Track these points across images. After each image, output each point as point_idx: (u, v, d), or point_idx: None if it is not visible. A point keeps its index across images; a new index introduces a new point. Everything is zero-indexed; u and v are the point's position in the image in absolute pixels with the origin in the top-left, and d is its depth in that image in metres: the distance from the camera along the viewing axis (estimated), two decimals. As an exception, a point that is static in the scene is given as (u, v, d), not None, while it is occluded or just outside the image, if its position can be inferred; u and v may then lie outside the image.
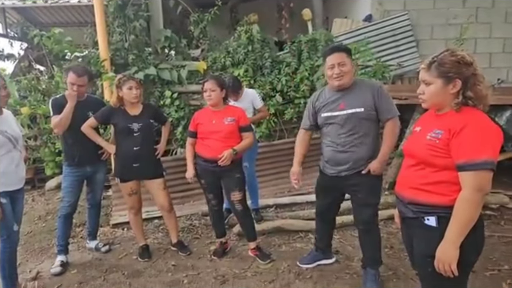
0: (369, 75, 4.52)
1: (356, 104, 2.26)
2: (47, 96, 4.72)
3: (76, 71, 2.85)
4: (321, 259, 2.78)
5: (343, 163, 2.33)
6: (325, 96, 2.40)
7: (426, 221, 1.51)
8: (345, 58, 2.24)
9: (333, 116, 2.33)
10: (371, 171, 2.29)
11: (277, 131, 4.69)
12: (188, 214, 3.90)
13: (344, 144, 2.31)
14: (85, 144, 2.89)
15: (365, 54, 4.64)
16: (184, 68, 4.54)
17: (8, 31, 6.82)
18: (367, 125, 2.29)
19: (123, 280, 2.74)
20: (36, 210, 4.28)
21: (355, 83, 2.33)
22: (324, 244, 2.77)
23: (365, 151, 2.30)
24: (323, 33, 4.82)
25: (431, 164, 1.48)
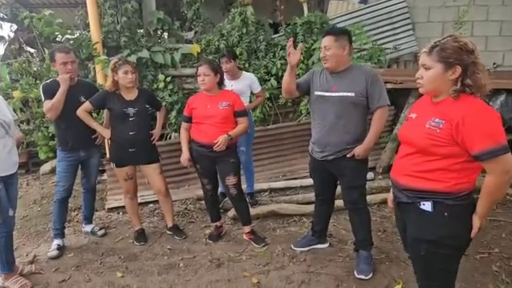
0: (365, 58, 4.50)
1: (348, 89, 2.27)
2: (39, 79, 4.65)
3: (62, 50, 2.81)
4: (316, 243, 2.83)
5: (329, 147, 2.37)
6: (322, 76, 2.41)
7: (422, 206, 1.53)
8: (332, 41, 2.23)
9: (325, 96, 2.34)
10: (356, 155, 2.33)
11: (271, 116, 4.68)
12: (183, 198, 3.93)
13: (331, 126, 2.34)
14: (78, 129, 2.86)
15: (361, 37, 4.59)
16: (177, 51, 4.48)
17: (-3, 12, 6.62)
18: (356, 110, 2.30)
19: (120, 263, 2.79)
20: (31, 194, 4.28)
21: (351, 68, 2.32)
22: (320, 228, 2.82)
23: (351, 135, 2.33)
24: (319, 16, 4.75)
25: (430, 153, 1.49)
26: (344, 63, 2.29)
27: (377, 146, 4.57)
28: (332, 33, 2.27)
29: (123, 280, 2.56)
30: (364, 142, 2.32)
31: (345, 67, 2.30)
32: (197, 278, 2.54)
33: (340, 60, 2.26)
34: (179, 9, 5.52)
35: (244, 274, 2.54)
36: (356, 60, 4.28)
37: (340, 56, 2.25)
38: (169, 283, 2.49)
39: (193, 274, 2.59)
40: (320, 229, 2.82)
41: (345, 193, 2.49)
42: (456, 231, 1.49)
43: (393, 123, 4.55)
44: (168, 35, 4.99)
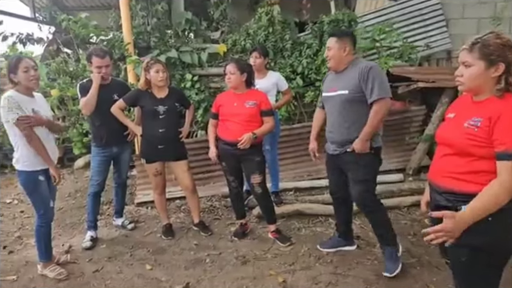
0: (395, 56, 4.39)
1: (343, 86, 2.35)
2: (75, 78, 4.87)
3: (98, 54, 2.94)
4: (343, 245, 2.79)
5: (334, 142, 2.48)
6: (328, 77, 2.58)
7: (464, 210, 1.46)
8: (334, 42, 2.36)
9: (328, 97, 2.48)
10: (354, 149, 2.35)
11: (296, 115, 4.66)
12: (209, 195, 3.99)
13: (332, 124, 2.46)
14: (111, 126, 3.00)
15: (391, 35, 4.47)
16: (204, 51, 4.55)
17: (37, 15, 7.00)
18: (354, 107, 2.34)
19: (149, 256, 2.88)
20: (66, 188, 4.49)
21: (350, 66, 2.38)
22: (344, 229, 2.79)
23: (352, 131, 2.36)
24: (346, 14, 4.67)
25: (469, 153, 1.43)
26: (344, 63, 2.38)
27: (407, 147, 4.46)
28: (334, 34, 2.41)
29: (152, 272, 2.65)
30: (360, 135, 2.32)
31: (345, 66, 2.39)
32: (223, 274, 2.58)
33: (340, 60, 2.37)
34: (206, 10, 5.61)
35: (269, 273, 2.56)
36: (385, 58, 4.18)
37: (340, 56, 2.36)
38: (196, 278, 2.55)
39: (219, 270, 2.64)
40: (344, 230, 2.79)
41: (352, 189, 2.50)
42: (500, 237, 1.41)
43: (424, 123, 4.41)
44: (195, 35, 5.08)
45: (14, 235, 3.38)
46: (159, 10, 4.71)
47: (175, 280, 2.53)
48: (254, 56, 3.30)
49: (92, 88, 2.90)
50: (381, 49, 4.50)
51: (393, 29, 4.57)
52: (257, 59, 3.30)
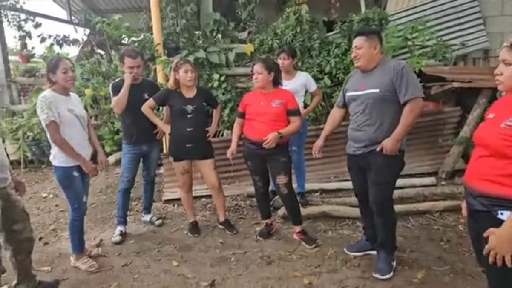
0: (428, 55, 4.24)
1: (373, 85, 2.30)
2: (107, 78, 5.05)
3: (130, 55, 3.03)
4: (371, 249, 2.72)
5: (358, 141, 2.41)
6: (355, 76, 2.52)
7: (499, 215, 1.39)
8: (363, 41, 2.32)
9: (355, 96, 2.42)
10: (383, 149, 2.28)
11: (324, 115, 4.59)
12: (234, 194, 4.02)
13: (360, 123, 2.39)
14: (141, 124, 3.08)
15: (424, 33, 4.32)
16: (231, 51, 4.58)
17: (73, 18, 7.32)
18: (385, 106, 2.29)
19: (176, 252, 2.93)
20: (97, 184, 4.65)
21: (380, 64, 2.34)
22: (372, 232, 2.70)
23: (380, 131, 2.31)
24: (377, 12, 4.56)
25: (505, 155, 1.36)
26: (374, 61, 2.34)
27: (440, 149, 4.30)
28: (362, 33, 2.37)
29: (178, 269, 2.69)
30: (392, 135, 2.27)
31: (375, 65, 2.35)
32: (248, 273, 2.58)
33: (371, 58, 2.33)
34: (234, 10, 5.65)
35: (295, 274, 2.53)
36: (417, 58, 4.04)
37: (371, 55, 2.32)
38: (221, 275, 2.56)
39: (244, 269, 2.64)
40: (371, 233, 2.70)
41: (370, 190, 2.44)
42: None
43: (459, 125, 4.23)
44: (223, 36, 5.13)
45: (49, 228, 3.55)
46: (188, 12, 4.80)
47: (201, 277, 2.56)
48: (282, 58, 3.28)
49: (123, 87, 2.99)
50: (413, 48, 4.36)
51: (426, 27, 4.42)
52: (285, 60, 3.28)
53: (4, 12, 5.66)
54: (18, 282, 2.34)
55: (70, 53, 7.12)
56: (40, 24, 6.09)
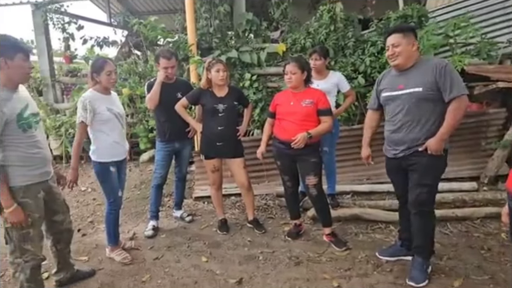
0: (471, 53, 4.01)
1: (415, 84, 2.21)
2: (143, 78, 5.22)
3: (165, 56, 3.11)
4: (405, 255, 2.61)
5: (400, 144, 2.32)
6: (389, 76, 2.42)
7: None
8: (400, 38, 2.23)
9: (392, 96, 2.33)
10: (428, 149, 2.19)
11: (357, 115, 4.48)
12: (263, 194, 4.01)
13: (401, 124, 2.29)
14: (175, 122, 3.16)
15: (467, 30, 4.09)
16: (263, 50, 4.58)
17: (112, 20, 7.64)
18: (427, 106, 2.21)
19: (205, 249, 2.97)
20: (132, 179, 4.82)
21: (419, 63, 2.26)
22: (408, 236, 2.59)
23: (423, 132, 2.23)
24: (416, 9, 4.38)
25: None
26: (413, 59, 2.26)
27: (483, 153, 4.06)
28: (399, 30, 2.28)
29: (207, 264, 2.73)
30: (437, 135, 2.18)
31: (413, 63, 2.26)
32: (276, 273, 2.57)
33: (410, 56, 2.24)
34: (267, 10, 5.65)
35: (324, 276, 2.49)
36: (460, 56, 3.84)
37: (410, 52, 2.23)
38: (249, 273, 2.57)
39: (272, 268, 2.63)
40: (408, 237, 2.59)
41: (412, 191, 2.34)
42: None
43: (504, 127, 3.97)
44: (255, 36, 5.14)
45: (87, 220, 3.72)
46: (221, 12, 4.86)
47: (229, 274, 2.58)
48: (314, 58, 3.23)
49: (155, 84, 3.09)
50: (455, 45, 4.15)
51: (469, 24, 4.18)
52: (317, 60, 3.22)
53: (49, 16, 6.00)
54: (57, 270, 2.48)
55: (109, 54, 7.46)
56: (83, 26, 6.39)
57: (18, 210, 1.97)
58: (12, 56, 1.94)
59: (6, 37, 1.97)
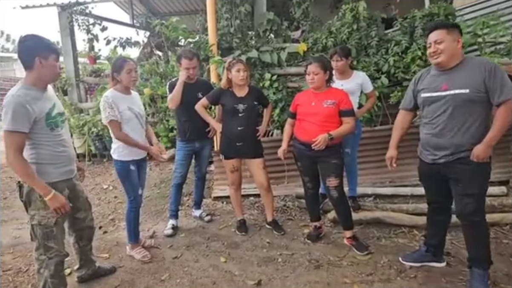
0: (501, 53, 3.85)
1: (461, 85, 2.07)
2: (164, 78, 5.28)
3: (186, 56, 3.13)
4: (430, 260, 2.52)
5: (441, 149, 2.18)
6: (429, 76, 2.26)
7: None
8: (444, 34, 2.09)
9: (433, 97, 2.18)
10: (474, 156, 2.06)
11: (379, 116, 4.38)
12: (282, 195, 3.97)
13: (443, 128, 2.16)
14: (195, 122, 3.17)
15: (496, 28, 3.92)
16: (284, 50, 4.54)
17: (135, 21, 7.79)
18: (473, 108, 2.07)
19: (223, 249, 2.96)
20: (152, 178, 4.89)
21: (464, 62, 2.11)
22: (437, 242, 2.51)
23: (467, 136, 2.09)
24: (443, 7, 4.23)
25: None
26: (457, 57, 2.11)
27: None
28: (443, 26, 2.13)
29: (226, 265, 2.71)
30: (484, 140, 2.05)
31: (457, 62, 2.11)
32: (295, 276, 2.52)
33: (454, 53, 2.10)
34: (288, 9, 5.61)
35: (344, 280, 2.43)
36: (489, 56, 3.69)
37: (454, 49, 2.09)
38: (267, 275, 2.54)
39: (291, 271, 2.58)
40: (436, 243, 2.50)
41: (458, 202, 2.22)
42: None
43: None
44: (276, 35, 5.10)
45: (109, 218, 3.78)
46: (242, 12, 4.85)
47: (248, 275, 2.55)
48: (335, 59, 3.15)
49: (177, 84, 3.11)
50: (484, 45, 3.98)
51: (499, 22, 4.01)
52: (338, 62, 3.15)
53: (75, 17, 6.18)
54: (79, 267, 2.53)
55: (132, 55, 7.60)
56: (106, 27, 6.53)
57: (57, 195, 2.01)
58: (46, 56, 1.99)
59: (41, 38, 2.03)
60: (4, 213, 4.05)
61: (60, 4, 6.22)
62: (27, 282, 2.59)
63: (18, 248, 3.12)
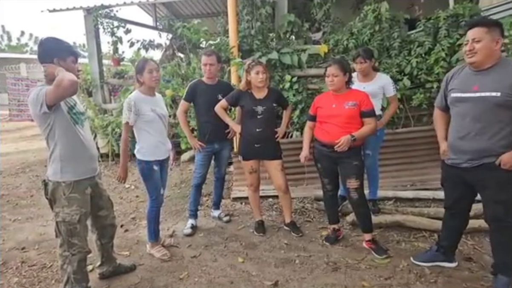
0: (529, 54, 3.69)
1: (493, 87, 1.99)
2: (186, 80, 5.37)
3: (205, 53, 3.23)
4: (441, 260, 2.50)
5: (465, 152, 2.12)
6: (461, 75, 2.19)
7: None
8: (483, 33, 1.99)
9: (463, 98, 2.11)
10: (502, 164, 1.98)
11: (401, 118, 4.30)
12: (301, 196, 3.96)
13: (468, 131, 2.09)
14: (215, 123, 3.21)
15: (525, 29, 3.78)
16: (304, 52, 4.53)
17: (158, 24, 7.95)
18: (503, 113, 1.99)
19: (241, 249, 2.98)
20: (173, 178, 4.97)
21: (499, 64, 2.01)
22: (449, 244, 2.48)
23: (494, 142, 2.02)
24: (468, 7, 4.11)
25: None
26: (494, 58, 2.02)
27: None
28: (483, 24, 2.03)
29: (243, 265, 2.73)
30: None
31: (493, 63, 2.01)
32: (312, 277, 2.52)
33: (491, 54, 2.01)
34: (309, 11, 5.59)
35: (362, 284, 2.40)
36: (516, 56, 3.55)
37: (492, 50, 2.00)
38: (285, 277, 2.54)
39: (308, 273, 2.58)
40: (447, 245, 2.47)
41: (487, 208, 2.15)
42: None
43: None
44: (297, 37, 5.10)
45: (130, 216, 3.88)
46: (263, 14, 4.87)
47: (265, 276, 2.56)
48: (359, 62, 3.13)
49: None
50: (511, 46, 3.84)
51: (528, 22, 3.86)
52: (362, 64, 3.13)
53: (100, 20, 6.37)
54: (101, 263, 2.60)
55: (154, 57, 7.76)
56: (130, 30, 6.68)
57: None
58: (65, 58, 2.09)
59: (59, 40, 2.13)
60: (30, 210, 4.22)
61: (86, 8, 6.42)
62: (51, 277, 2.69)
63: (43, 245, 3.24)
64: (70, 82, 1.87)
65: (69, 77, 1.88)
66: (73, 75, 1.93)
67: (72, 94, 2.01)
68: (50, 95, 1.92)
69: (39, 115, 2.00)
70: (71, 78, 1.88)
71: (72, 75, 1.93)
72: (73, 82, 1.89)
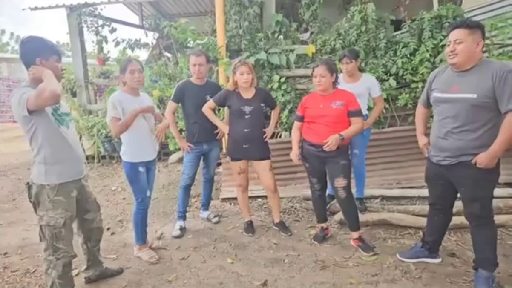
0: (509, 55, 3.81)
1: (469, 89, 2.03)
2: (173, 80, 5.32)
3: (194, 53, 3.20)
4: (426, 256, 2.57)
5: (443, 150, 2.20)
6: (443, 75, 2.24)
7: None
8: (465, 35, 2.02)
9: (443, 98, 2.17)
10: (477, 163, 2.04)
11: (387, 118, 4.38)
12: (290, 196, 3.99)
13: (448, 130, 2.15)
14: (203, 124, 3.20)
15: (505, 31, 3.89)
16: (292, 52, 4.56)
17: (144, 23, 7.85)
18: (481, 114, 2.03)
19: (230, 250, 2.98)
20: (160, 180, 4.92)
21: (479, 65, 2.05)
22: (433, 240, 2.54)
23: (472, 141, 2.07)
24: (451, 8, 4.21)
25: None
26: (474, 60, 2.05)
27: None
28: (465, 26, 2.05)
29: (232, 266, 2.73)
30: (489, 151, 2.02)
31: (473, 64, 2.06)
32: (301, 276, 2.54)
33: (472, 56, 2.04)
34: (296, 11, 5.62)
35: (350, 281, 2.44)
36: (497, 58, 3.65)
37: (473, 52, 2.03)
38: (274, 276, 2.55)
39: (297, 271, 2.60)
40: (432, 241, 2.54)
41: (465, 205, 2.23)
42: None
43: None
44: (285, 37, 5.12)
45: (117, 219, 3.82)
46: (251, 14, 4.88)
47: (254, 276, 2.57)
48: (345, 62, 3.18)
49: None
50: (492, 47, 3.95)
51: (507, 24, 3.97)
52: (348, 64, 3.17)
53: (84, 18, 6.24)
54: (87, 267, 2.55)
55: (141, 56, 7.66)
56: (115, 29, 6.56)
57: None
58: (47, 57, 2.04)
59: (42, 39, 2.08)
60: (12, 214, 4.12)
61: (68, 6, 6.27)
62: (35, 283, 2.63)
63: (26, 250, 3.17)
64: (51, 95, 1.83)
65: (51, 88, 1.84)
66: (56, 86, 1.87)
67: (53, 104, 1.96)
68: (31, 102, 1.88)
69: (22, 117, 1.96)
70: (53, 89, 1.84)
71: (55, 86, 1.87)
72: (54, 95, 1.84)
